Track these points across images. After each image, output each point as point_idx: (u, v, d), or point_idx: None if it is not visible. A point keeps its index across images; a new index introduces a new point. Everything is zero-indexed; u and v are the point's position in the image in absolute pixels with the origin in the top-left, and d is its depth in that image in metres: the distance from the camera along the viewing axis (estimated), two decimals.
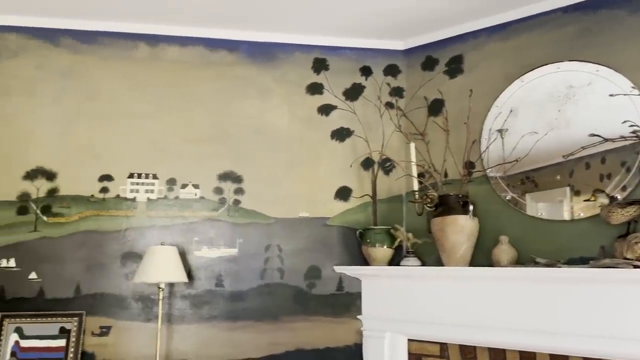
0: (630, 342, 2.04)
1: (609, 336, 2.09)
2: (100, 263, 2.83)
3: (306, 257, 3.00)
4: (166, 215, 2.94)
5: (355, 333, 2.93)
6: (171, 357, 2.80)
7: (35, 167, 2.85)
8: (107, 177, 2.92)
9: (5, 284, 2.73)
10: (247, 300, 2.92)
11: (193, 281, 2.89)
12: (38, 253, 2.79)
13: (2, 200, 2.80)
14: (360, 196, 3.08)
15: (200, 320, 2.86)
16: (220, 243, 2.96)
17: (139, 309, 2.82)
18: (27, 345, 2.66)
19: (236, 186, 3.02)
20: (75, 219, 2.85)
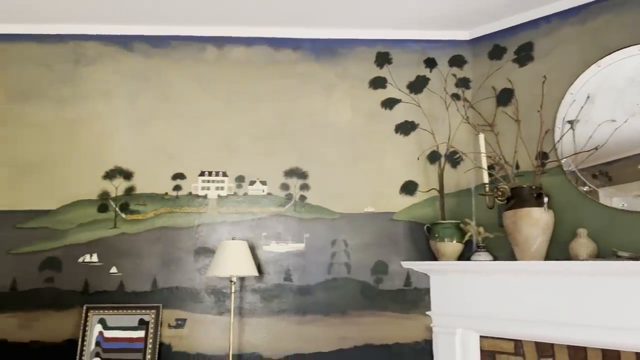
0: None
1: None
2: (175, 258, 2.95)
3: (372, 252, 2.99)
4: (236, 211, 3.02)
5: (425, 329, 2.89)
6: (243, 349, 2.87)
7: (113, 167, 3.01)
8: (180, 175, 3.03)
9: (89, 277, 2.90)
10: (315, 294, 2.95)
11: (262, 275, 2.96)
12: (118, 248, 2.94)
13: (85, 199, 2.98)
14: (426, 190, 3.04)
15: (270, 314, 2.92)
16: (287, 238, 3.00)
17: (212, 303, 2.92)
18: (110, 335, 2.81)
19: (302, 182, 3.06)
20: (151, 216, 2.98)
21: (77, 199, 2.97)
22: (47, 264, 2.90)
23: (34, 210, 2.95)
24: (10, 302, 2.85)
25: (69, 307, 2.86)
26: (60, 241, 2.93)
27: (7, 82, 3.05)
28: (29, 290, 2.87)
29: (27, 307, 2.85)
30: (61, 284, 2.89)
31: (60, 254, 2.91)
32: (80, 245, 2.93)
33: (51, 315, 2.85)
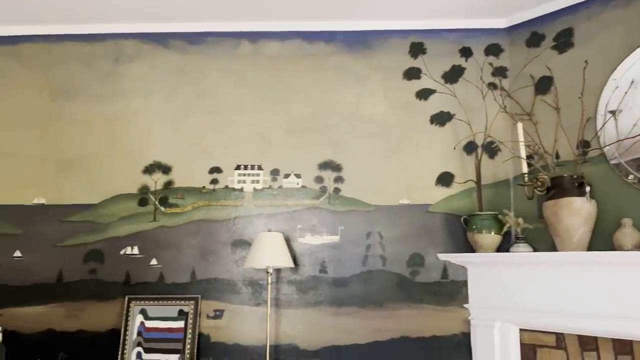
0: None
1: None
2: (212, 250, 3.00)
3: (408, 244, 2.97)
4: (271, 204, 3.05)
5: (462, 322, 2.85)
6: (280, 340, 2.90)
7: (152, 161, 3.09)
8: (217, 169, 3.08)
9: (130, 269, 2.99)
10: (350, 286, 2.95)
11: (298, 267, 2.98)
12: (157, 241, 3.01)
13: (126, 193, 3.06)
14: (463, 182, 2.99)
15: (306, 306, 2.94)
16: (322, 230, 3.01)
17: (249, 294, 2.96)
18: (151, 325, 2.89)
19: (336, 175, 3.06)
20: (189, 209, 3.05)
21: (118, 193, 3.06)
22: (91, 256, 3.00)
23: (78, 205, 3.05)
24: (57, 293, 2.97)
25: (112, 297, 2.96)
26: (103, 234, 3.02)
27: (52, 81, 3.17)
28: (74, 281, 2.98)
29: (72, 297, 2.96)
30: (104, 275, 2.98)
31: (102, 247, 3.01)
32: (121, 238, 3.02)
33: (95, 306, 2.95)
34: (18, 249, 3.01)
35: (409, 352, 2.85)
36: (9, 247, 3.01)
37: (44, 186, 3.07)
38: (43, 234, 3.02)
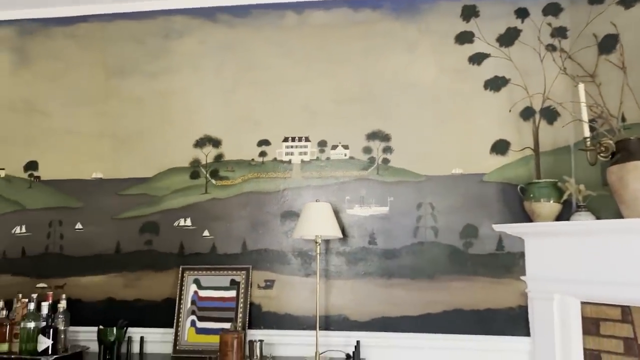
0: None
1: None
2: (262, 221, 3.02)
3: (461, 215, 2.87)
4: (319, 175, 3.03)
5: (519, 295, 2.74)
6: (329, 311, 2.89)
7: (203, 135, 3.14)
8: (265, 142, 3.09)
9: (184, 240, 3.06)
10: (401, 258, 2.89)
11: (347, 239, 2.95)
12: (209, 213, 3.07)
13: (178, 166, 3.13)
14: (519, 149, 2.85)
15: (355, 277, 2.91)
16: (371, 201, 2.97)
17: (298, 265, 2.96)
18: (204, 295, 2.96)
19: (385, 145, 3.00)
20: (239, 181, 3.08)
21: (171, 166, 3.13)
22: (146, 228, 3.10)
23: (133, 178, 3.15)
24: (116, 264, 3.09)
25: (167, 268, 3.05)
26: (157, 207, 3.11)
27: (107, 60, 3.27)
28: (131, 252, 3.09)
29: (130, 268, 3.07)
30: (159, 246, 3.08)
31: (157, 219, 3.10)
32: (175, 210, 3.09)
33: (151, 276, 3.05)
34: (79, 222, 3.15)
35: (462, 324, 2.77)
36: (71, 220, 3.16)
37: (101, 161, 3.19)
38: (101, 207, 3.14)
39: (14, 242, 3.17)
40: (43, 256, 3.14)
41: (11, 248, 3.17)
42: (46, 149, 3.24)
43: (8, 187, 3.23)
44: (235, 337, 2.60)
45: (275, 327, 2.91)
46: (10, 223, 3.19)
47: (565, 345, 2.53)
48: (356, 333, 2.84)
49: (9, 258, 3.16)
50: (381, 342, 2.82)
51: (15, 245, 3.17)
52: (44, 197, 3.20)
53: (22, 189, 3.22)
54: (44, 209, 3.19)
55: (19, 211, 3.20)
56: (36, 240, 3.16)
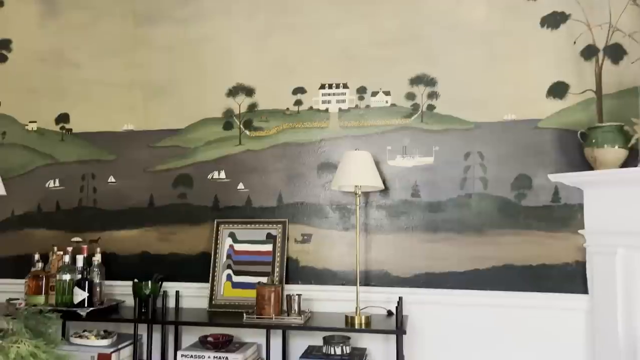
0: None
1: None
2: (298, 173, 2.88)
3: (513, 164, 2.66)
4: (358, 124, 2.85)
5: (576, 249, 2.53)
6: (370, 266, 2.76)
7: (236, 84, 2.98)
8: (300, 89, 2.92)
9: (218, 193, 2.95)
10: (446, 211, 2.71)
11: (388, 191, 2.78)
12: (243, 165, 2.94)
13: (210, 117, 3.00)
14: (580, 92, 2.60)
15: (397, 231, 2.75)
16: (414, 151, 2.78)
17: (337, 218, 2.82)
18: (240, 249, 2.86)
19: (430, 90, 2.78)
20: (274, 132, 2.93)
21: (204, 117, 3.01)
22: (180, 181, 3.00)
23: (165, 130, 3.04)
24: (150, 217, 3.02)
25: (202, 221, 2.95)
26: (190, 159, 3.00)
27: (135, 7, 3.13)
28: (165, 205, 3.01)
29: (164, 221, 3.00)
30: (193, 199, 2.98)
31: (191, 171, 3.00)
32: (208, 163, 2.98)
33: (186, 230, 2.97)
34: (112, 175, 3.08)
35: (513, 281, 2.59)
36: (104, 173, 3.09)
37: (132, 113, 3.09)
38: (134, 159, 3.06)
39: (48, 195, 3.13)
40: (77, 210, 3.10)
41: (46, 202, 3.13)
42: (77, 101, 3.16)
43: (40, 140, 3.18)
44: (273, 291, 2.50)
45: (313, 282, 2.80)
46: (44, 177, 3.15)
47: (628, 303, 2.33)
48: (398, 289, 2.70)
49: (44, 212, 3.13)
50: (425, 299, 2.67)
51: (50, 199, 3.13)
52: (76, 150, 3.13)
53: (54, 142, 3.16)
54: (76, 162, 3.12)
55: (52, 165, 3.15)
56: (70, 194, 3.11)
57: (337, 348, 2.47)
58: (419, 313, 2.67)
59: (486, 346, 2.60)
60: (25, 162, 3.18)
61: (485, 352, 2.60)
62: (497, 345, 2.59)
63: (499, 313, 2.60)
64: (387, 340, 2.65)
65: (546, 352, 2.54)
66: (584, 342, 2.49)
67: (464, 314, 2.63)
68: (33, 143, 3.19)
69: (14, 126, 3.22)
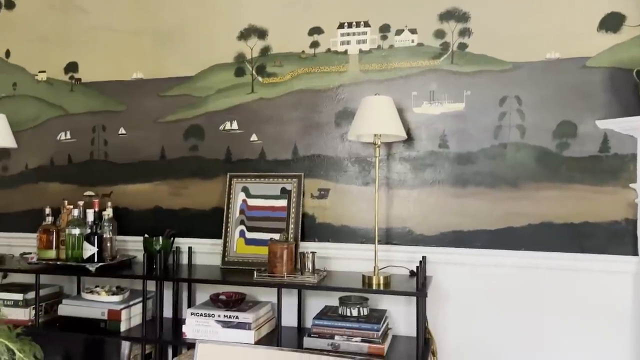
0: None
1: None
2: (315, 123, 2.65)
3: (555, 110, 2.34)
4: (380, 67, 2.57)
5: (626, 206, 2.23)
6: (391, 223, 2.54)
7: (247, 25, 2.75)
8: (317, 29, 2.65)
9: (230, 145, 2.78)
10: (477, 163, 2.44)
11: (412, 142, 2.53)
12: (257, 115, 2.74)
13: (221, 63, 2.79)
14: (638, 24, 2.23)
15: (422, 185, 2.51)
16: (443, 97, 2.49)
17: (356, 172, 2.60)
18: (253, 204, 2.69)
19: (462, 26, 2.47)
20: (288, 77, 2.70)
21: (214, 63, 2.80)
22: (191, 132, 2.83)
23: (175, 78, 2.86)
24: (161, 171, 2.88)
25: (214, 175, 2.79)
26: (202, 109, 2.82)
27: None
28: (176, 158, 2.86)
29: (175, 175, 2.85)
30: (205, 152, 2.81)
31: (202, 122, 2.82)
32: (220, 112, 2.79)
33: (198, 183, 2.82)
34: (122, 126, 2.94)
35: (552, 240, 2.33)
36: (115, 124, 2.95)
37: (142, 60, 2.91)
38: (144, 109, 2.90)
39: (60, 148, 3.04)
40: (88, 163, 2.99)
41: (58, 155, 3.04)
42: (85, 49, 3.00)
43: (50, 90, 3.06)
44: (285, 248, 2.33)
45: (330, 239, 2.61)
46: (55, 129, 3.05)
47: None
48: (422, 248, 2.48)
49: (57, 165, 3.04)
50: (451, 259, 2.45)
51: (62, 152, 3.03)
52: (86, 101, 3.00)
53: (64, 93, 3.04)
54: (86, 113, 3.00)
55: (62, 116, 3.04)
56: (81, 147, 3.00)
57: (354, 309, 2.29)
58: (445, 274, 2.46)
59: (519, 311, 2.37)
60: (37, 113, 3.08)
61: (518, 318, 2.37)
62: (532, 312, 2.36)
63: (534, 276, 2.35)
64: (410, 302, 2.45)
65: (588, 320, 2.29)
66: (631, 309, 2.23)
67: (495, 276, 2.40)
68: (43, 94, 3.07)
69: (24, 76, 3.11)
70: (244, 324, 2.34)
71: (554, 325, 2.33)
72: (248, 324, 2.33)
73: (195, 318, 2.39)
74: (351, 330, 2.22)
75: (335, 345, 2.21)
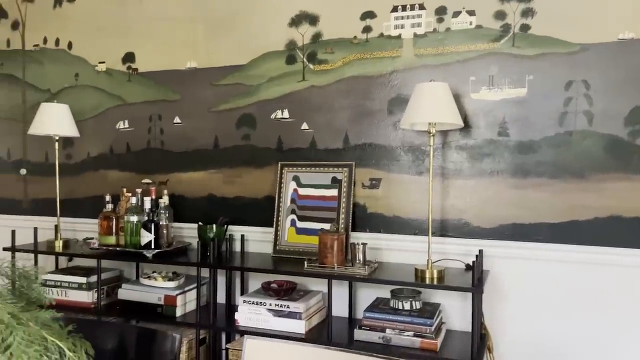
0: None
1: None
2: (367, 111, 2.59)
3: (628, 94, 2.16)
4: (436, 52, 2.46)
5: None
6: (446, 214, 2.45)
7: (299, 11, 2.70)
8: (369, 14, 2.57)
9: (281, 134, 2.76)
10: (540, 152, 2.30)
11: (470, 129, 2.41)
12: (308, 103, 2.70)
13: (272, 50, 2.77)
14: None
15: (480, 175, 2.40)
16: (503, 82, 2.36)
17: (409, 161, 2.52)
18: (304, 193, 2.67)
19: (524, 6, 2.31)
20: (340, 64, 2.64)
21: (266, 51, 2.78)
22: (243, 121, 2.84)
23: (228, 67, 2.86)
24: (215, 159, 2.91)
25: (265, 164, 2.79)
26: (253, 97, 2.81)
27: None
28: (229, 147, 2.88)
29: (229, 164, 2.88)
30: (257, 141, 2.82)
31: (254, 111, 2.82)
32: (271, 101, 2.78)
33: (250, 172, 2.83)
34: (177, 115, 2.99)
35: (621, 235, 2.17)
36: (170, 113, 3.01)
37: (195, 49, 2.93)
38: (198, 99, 2.93)
39: (119, 137, 3.13)
40: (145, 151, 3.07)
41: (117, 143, 3.14)
42: (141, 39, 3.06)
43: (109, 80, 3.15)
44: (335, 239, 2.31)
45: (382, 230, 2.56)
46: (115, 118, 3.14)
47: None
48: (478, 241, 2.38)
49: (116, 153, 3.14)
50: (510, 253, 2.34)
51: (120, 140, 3.13)
52: (142, 90, 3.07)
53: (122, 83, 3.12)
54: (143, 102, 3.07)
55: (121, 105, 3.12)
56: (138, 135, 3.08)
57: (406, 303, 2.24)
58: (503, 268, 2.35)
59: (583, 310, 2.24)
60: (97, 103, 3.18)
61: (581, 317, 2.24)
62: (597, 311, 2.22)
63: (600, 273, 2.21)
64: (465, 297, 2.37)
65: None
66: None
67: (558, 272, 2.27)
68: (103, 84, 3.17)
69: (86, 67, 3.22)
70: (294, 313, 2.34)
71: (622, 326, 2.19)
72: (299, 313, 2.33)
73: (248, 306, 2.42)
74: (403, 324, 2.17)
75: (386, 338, 2.17)
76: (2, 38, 3.43)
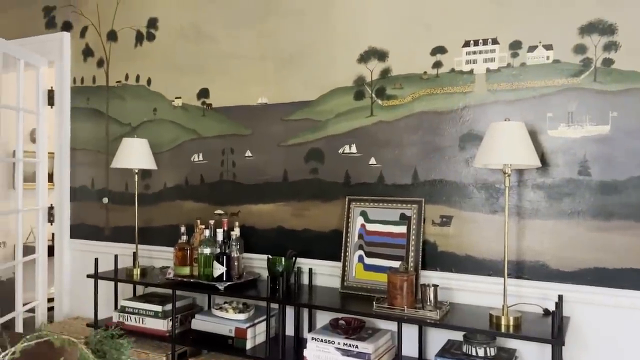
0: None
1: None
2: (437, 147, 2.54)
3: None
4: (510, 87, 2.39)
5: None
6: (522, 255, 2.35)
7: (367, 48, 2.71)
8: (440, 49, 2.54)
9: (349, 169, 2.77)
10: (625, 193, 2.16)
11: (548, 168, 2.31)
12: (375, 138, 2.70)
13: (341, 86, 2.79)
14: None
15: (559, 216, 2.29)
16: (584, 119, 2.24)
17: (482, 199, 2.45)
18: (371, 229, 2.66)
19: (606, 40, 2.19)
20: (409, 100, 2.61)
21: (334, 87, 2.81)
22: (311, 155, 2.88)
23: (297, 102, 2.92)
24: (284, 192, 2.96)
25: (333, 198, 2.81)
26: (321, 132, 2.84)
27: None
28: (297, 181, 2.92)
29: (297, 197, 2.92)
30: (324, 175, 2.84)
31: (322, 145, 2.85)
32: (339, 136, 2.79)
33: (318, 206, 2.85)
34: (248, 149, 3.08)
35: None
36: (241, 147, 3.10)
37: (265, 85, 3.01)
38: (268, 133, 3.00)
39: (193, 169, 3.26)
40: (218, 183, 3.18)
41: (192, 175, 3.27)
42: (214, 76, 3.19)
43: (185, 115, 3.30)
44: (405, 279, 2.27)
45: (454, 269, 2.49)
46: (190, 151, 3.27)
47: None
48: (557, 285, 2.26)
49: (191, 185, 3.27)
50: (593, 299, 2.20)
51: (195, 172, 3.25)
52: (216, 125, 3.18)
53: (197, 117, 3.25)
54: (216, 136, 3.18)
55: (195, 139, 3.26)
56: (212, 168, 3.20)
57: (480, 349, 2.17)
58: (585, 315, 2.22)
59: None
60: (174, 136, 3.33)
61: None
62: None
63: None
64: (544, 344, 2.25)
65: None
66: None
67: None
68: (179, 118, 3.32)
69: (163, 102, 3.38)
70: (363, 354, 2.32)
71: None
72: (368, 354, 2.31)
73: (316, 343, 2.42)
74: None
75: None
76: (89, 75, 3.68)
